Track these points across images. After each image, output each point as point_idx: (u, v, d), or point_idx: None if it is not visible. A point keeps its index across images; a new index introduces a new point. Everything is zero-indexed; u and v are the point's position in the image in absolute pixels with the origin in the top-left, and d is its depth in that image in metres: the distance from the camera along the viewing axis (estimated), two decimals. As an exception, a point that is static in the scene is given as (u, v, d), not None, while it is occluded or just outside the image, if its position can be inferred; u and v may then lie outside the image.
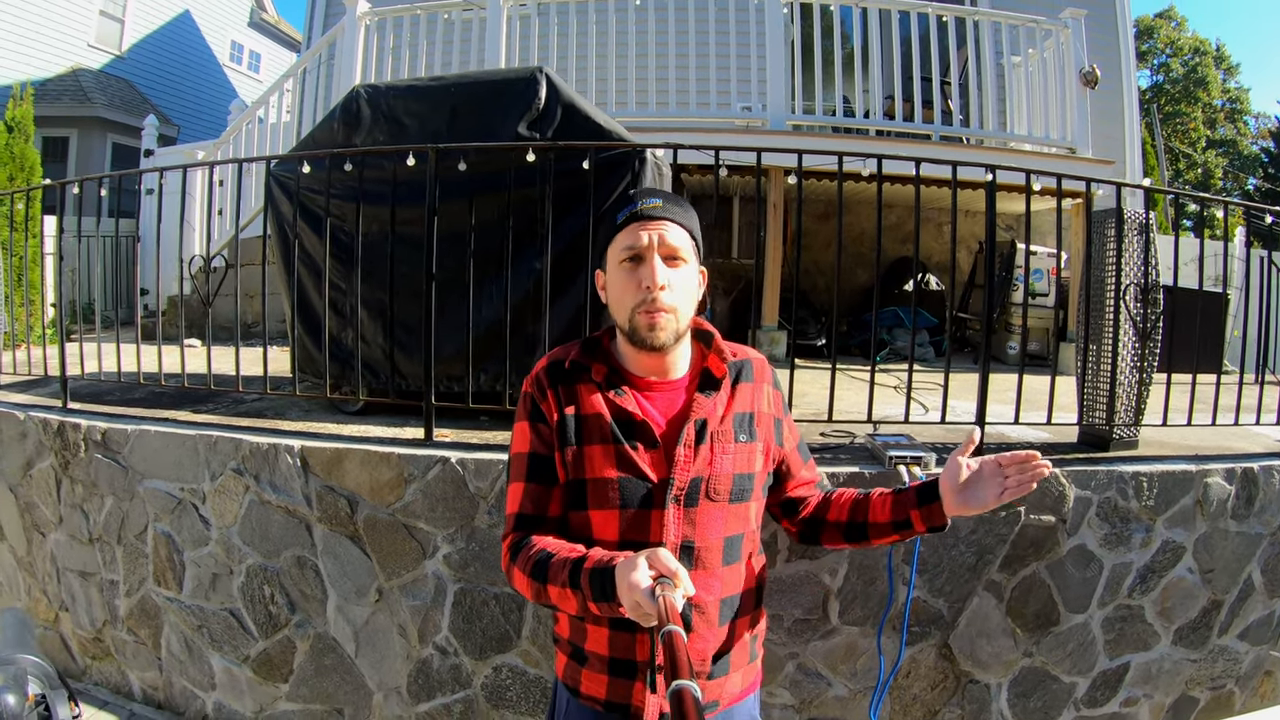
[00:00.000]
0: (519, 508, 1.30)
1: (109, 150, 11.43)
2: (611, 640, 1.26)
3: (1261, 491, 2.74)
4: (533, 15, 5.65)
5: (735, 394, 1.33)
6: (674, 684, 0.83)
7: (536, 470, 1.29)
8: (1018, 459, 1.26)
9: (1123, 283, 2.73)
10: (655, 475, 1.25)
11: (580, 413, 1.28)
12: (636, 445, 1.26)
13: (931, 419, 2.99)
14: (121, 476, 2.80)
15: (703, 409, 1.29)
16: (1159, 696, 2.76)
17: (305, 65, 6.05)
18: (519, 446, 1.33)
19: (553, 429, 1.28)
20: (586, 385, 1.29)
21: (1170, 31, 26.98)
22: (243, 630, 2.71)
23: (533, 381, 1.33)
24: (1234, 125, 27.81)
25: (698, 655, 1.28)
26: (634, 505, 1.24)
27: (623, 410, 1.27)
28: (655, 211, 1.25)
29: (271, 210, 3.04)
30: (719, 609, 1.30)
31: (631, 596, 1.02)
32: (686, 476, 1.25)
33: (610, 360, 1.33)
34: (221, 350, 3.57)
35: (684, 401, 1.31)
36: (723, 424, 1.30)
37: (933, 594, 2.57)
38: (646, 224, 1.25)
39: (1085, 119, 5.23)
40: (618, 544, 1.24)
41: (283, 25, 15.92)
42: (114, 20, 12.24)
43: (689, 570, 1.26)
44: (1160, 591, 2.70)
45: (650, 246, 1.24)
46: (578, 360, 1.31)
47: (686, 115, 5.40)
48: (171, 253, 3.86)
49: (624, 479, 1.25)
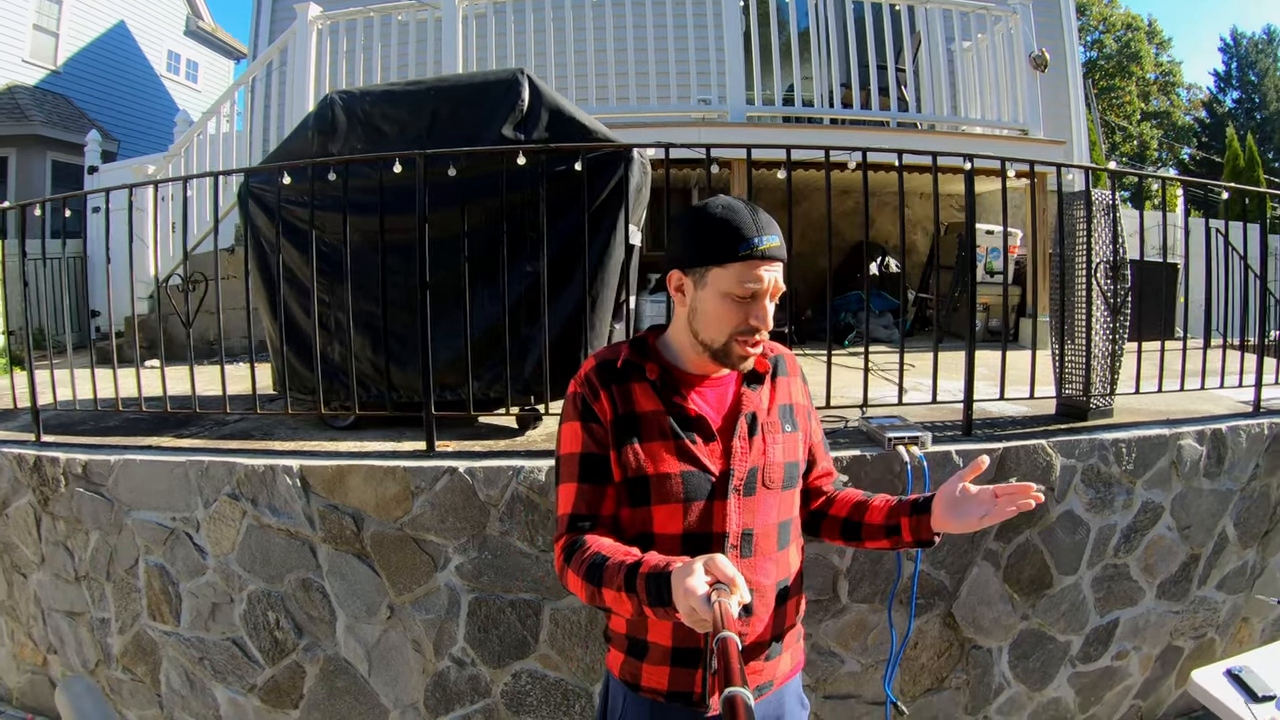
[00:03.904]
0: (572, 508, 1.29)
1: (49, 169, 10.91)
2: (676, 629, 1.28)
3: (1230, 450, 2.91)
4: (489, 15, 5.59)
5: (775, 387, 1.38)
6: (727, 691, 0.84)
7: (590, 470, 1.30)
8: (1012, 490, 1.32)
9: (1093, 261, 2.86)
10: (716, 467, 1.28)
11: (638, 411, 1.29)
12: (695, 439, 1.29)
13: (920, 399, 3.08)
14: (107, 509, 2.70)
15: (752, 402, 1.33)
16: (1147, 648, 2.91)
17: (255, 73, 5.87)
18: (570, 447, 1.32)
19: (608, 428, 1.29)
20: (641, 384, 1.31)
21: (1103, 8, 27.97)
22: (247, 659, 2.65)
23: (582, 382, 1.33)
24: (1167, 97, 29.02)
25: (756, 638, 1.32)
26: (699, 498, 1.27)
27: (679, 406, 1.30)
28: (774, 252, 1.26)
29: (247, 224, 2.96)
30: (774, 592, 1.34)
31: (687, 602, 1.02)
32: (745, 467, 1.29)
33: (661, 359, 1.35)
34: (184, 371, 3.44)
35: (733, 395, 1.34)
36: (770, 415, 1.35)
37: (934, 566, 2.66)
38: (768, 266, 1.25)
39: (1036, 101, 5.42)
40: (681, 536, 1.27)
41: (220, 33, 15.37)
42: (48, 34, 11.65)
43: (749, 558, 1.30)
44: (1143, 549, 2.84)
45: (768, 290, 1.26)
46: (630, 360, 1.33)
47: (647, 110, 5.40)
48: (126, 273, 3.72)
49: (687, 472, 1.27)
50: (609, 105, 5.35)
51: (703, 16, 5.53)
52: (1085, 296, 2.89)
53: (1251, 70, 26.83)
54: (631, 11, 5.26)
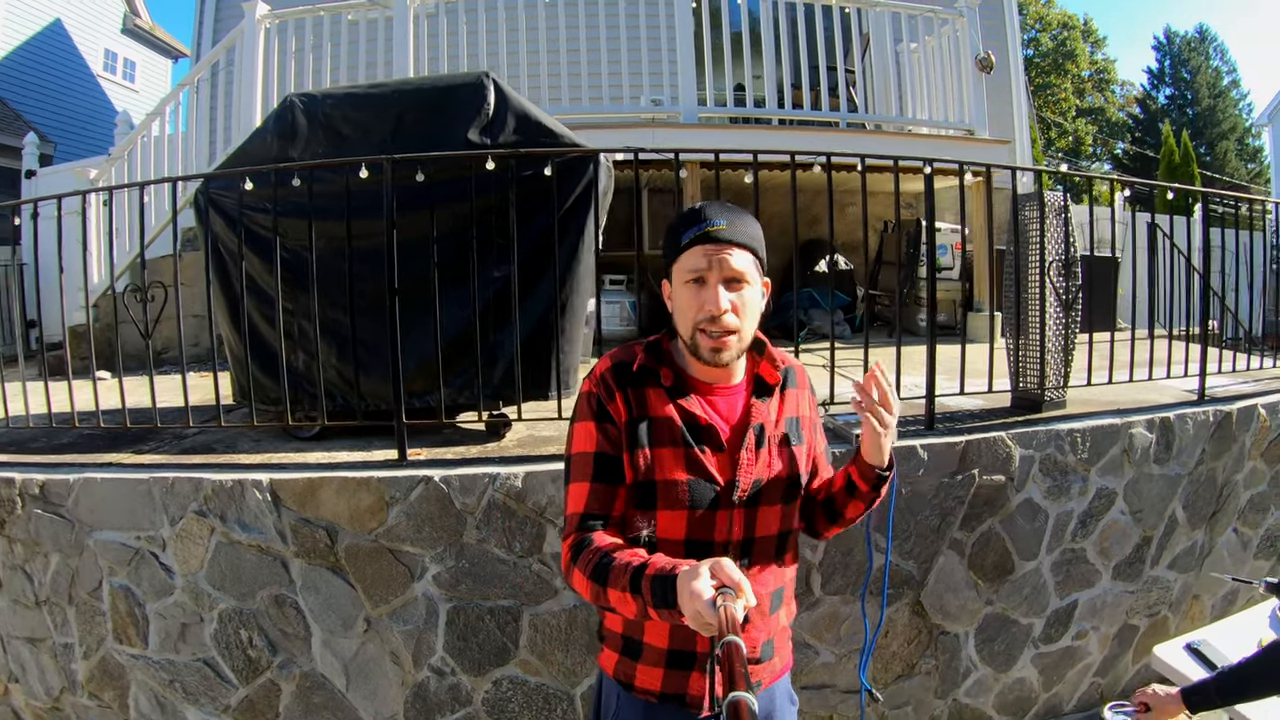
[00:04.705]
0: (584, 507, 1.29)
1: (-19, 172, 10.39)
2: (672, 631, 1.30)
3: (1178, 437, 3.06)
4: (440, 14, 5.51)
5: (784, 399, 1.39)
6: (732, 695, 0.86)
7: (603, 470, 1.30)
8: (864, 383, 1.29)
9: (1046, 259, 2.97)
10: (722, 478, 1.30)
11: (651, 416, 1.30)
12: (704, 449, 1.30)
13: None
14: (67, 531, 2.60)
15: (760, 414, 1.35)
16: (1104, 628, 3.05)
17: (201, 73, 5.69)
18: (582, 446, 1.32)
19: (622, 430, 1.30)
20: (655, 389, 1.32)
21: (1040, 8, 28.85)
22: (220, 680, 2.58)
23: (597, 382, 1.33)
24: (1102, 94, 30.11)
25: (751, 643, 1.34)
26: (702, 506, 1.29)
27: (691, 415, 1.31)
28: (721, 234, 1.27)
29: (205, 231, 2.88)
30: (770, 600, 1.37)
31: (693, 605, 1.03)
32: (750, 479, 1.31)
33: (675, 364, 1.36)
34: (135, 382, 3.31)
35: (743, 406, 1.36)
36: (777, 428, 1.36)
37: (903, 557, 2.74)
38: (711, 248, 1.26)
39: (982, 102, 5.58)
40: (683, 542, 1.29)
41: (158, 31, 14.80)
42: (-19, 32, 11.12)
43: (748, 566, 1.32)
44: (1099, 533, 2.97)
45: (713, 271, 1.26)
46: (645, 364, 1.33)
47: (600, 111, 5.40)
48: (71, 281, 3.58)
49: (693, 481, 1.28)
50: (561, 106, 5.31)
51: (655, 18, 5.54)
52: (1039, 293, 3.00)
53: (1184, 68, 27.97)
54: (584, 12, 5.25)
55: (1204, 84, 27.43)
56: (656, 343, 1.38)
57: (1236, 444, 3.24)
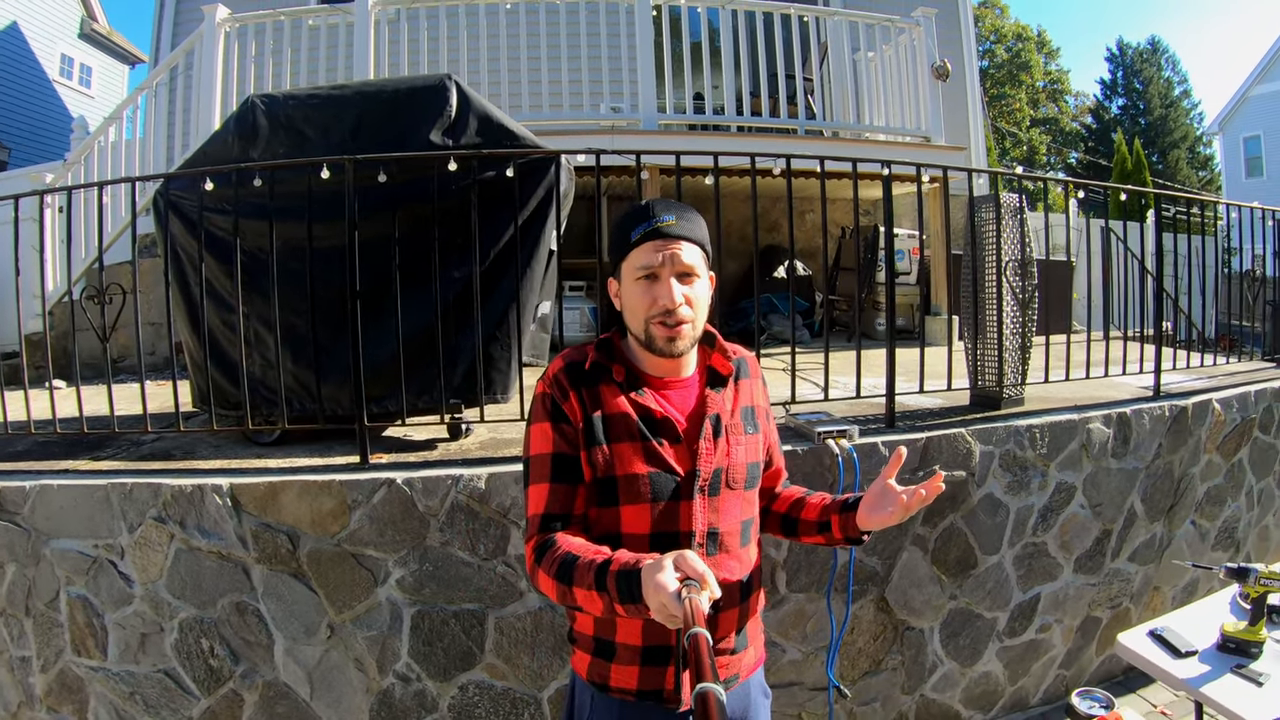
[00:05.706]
0: (544, 508, 1.30)
1: (-65, 178, 10.04)
2: (645, 629, 1.30)
3: (1134, 432, 3.14)
4: (401, 20, 5.49)
5: (739, 389, 1.42)
6: (699, 686, 0.86)
7: (561, 470, 1.31)
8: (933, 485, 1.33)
9: (1003, 260, 3.04)
10: (681, 469, 1.31)
11: (606, 412, 1.31)
12: (662, 441, 1.31)
13: (842, 395, 3.21)
14: (23, 540, 2.52)
15: (716, 404, 1.37)
16: (1068, 620, 3.11)
17: (160, 77, 5.59)
18: (540, 448, 1.33)
19: (578, 429, 1.31)
20: (609, 386, 1.33)
21: (994, 20, 29.60)
22: (181, 691, 2.52)
23: (550, 383, 1.34)
24: (1055, 104, 30.97)
25: (724, 633, 1.36)
26: (664, 498, 1.30)
27: (646, 409, 1.32)
28: (671, 230, 1.29)
29: (164, 234, 2.83)
30: (739, 589, 1.38)
31: (658, 598, 1.04)
32: (710, 468, 1.33)
33: (627, 361, 1.37)
34: (91, 390, 3.24)
35: (697, 398, 1.37)
36: (733, 417, 1.39)
37: (867, 553, 2.77)
38: (661, 243, 1.29)
39: (939, 110, 5.69)
40: (649, 535, 1.30)
41: (115, 37, 14.50)
42: (-65, 36, 10.77)
43: (715, 555, 1.33)
44: (1059, 527, 3.03)
45: (665, 266, 1.29)
46: (598, 362, 1.35)
47: (561, 117, 5.40)
48: (26, 288, 3.49)
49: (654, 473, 1.30)
50: (522, 113, 5.32)
51: (615, 25, 5.57)
52: (996, 293, 3.07)
53: (1136, 79, 28.88)
54: (545, 19, 5.27)
55: (1156, 94, 28.34)
56: (608, 340, 1.40)
57: (1192, 438, 3.34)
